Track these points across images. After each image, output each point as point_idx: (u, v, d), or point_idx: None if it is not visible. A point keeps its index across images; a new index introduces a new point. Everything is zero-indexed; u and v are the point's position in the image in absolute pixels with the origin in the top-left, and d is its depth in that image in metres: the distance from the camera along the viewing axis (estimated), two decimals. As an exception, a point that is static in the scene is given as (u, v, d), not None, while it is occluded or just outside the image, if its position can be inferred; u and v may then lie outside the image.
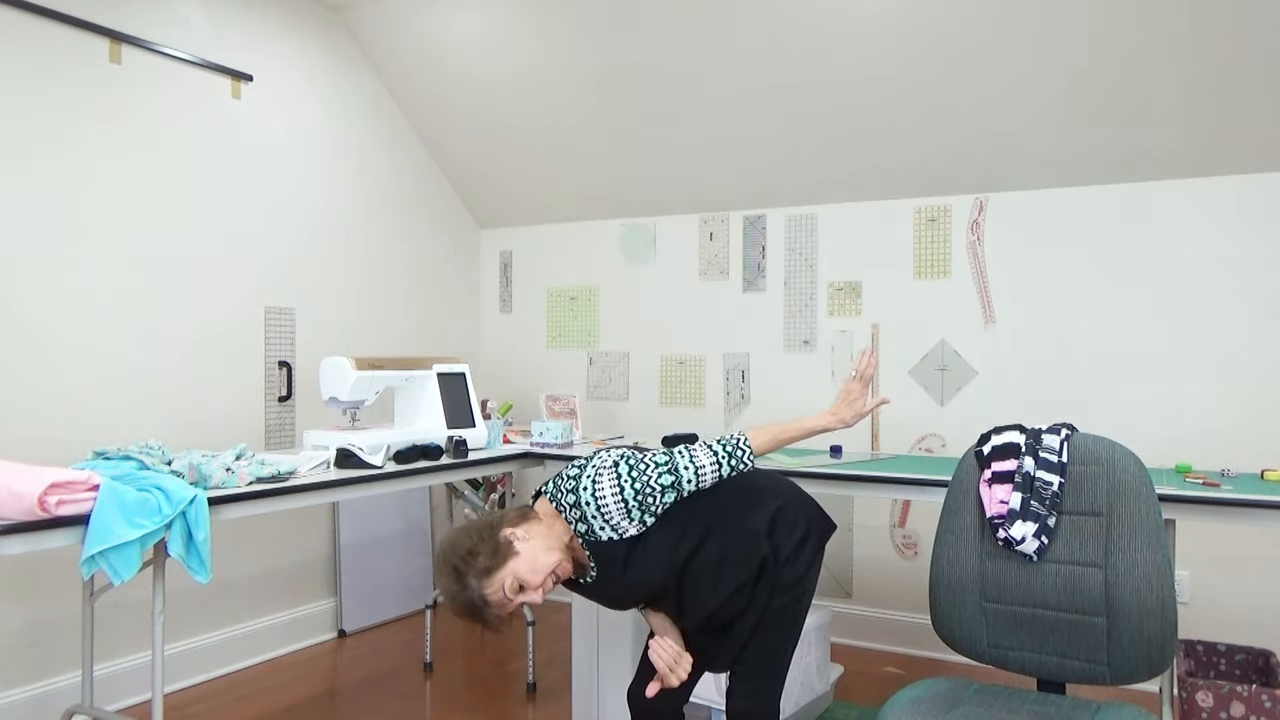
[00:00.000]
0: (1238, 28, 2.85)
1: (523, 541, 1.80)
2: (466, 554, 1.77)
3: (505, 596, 1.76)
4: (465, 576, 1.76)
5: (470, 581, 1.76)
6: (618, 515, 1.82)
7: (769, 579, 1.96)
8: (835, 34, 3.30)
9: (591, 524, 1.83)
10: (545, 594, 1.80)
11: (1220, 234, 3.26)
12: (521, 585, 1.77)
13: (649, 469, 1.86)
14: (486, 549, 1.77)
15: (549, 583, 1.80)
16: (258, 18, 3.60)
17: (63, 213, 2.97)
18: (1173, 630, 1.74)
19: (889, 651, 3.74)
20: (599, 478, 1.84)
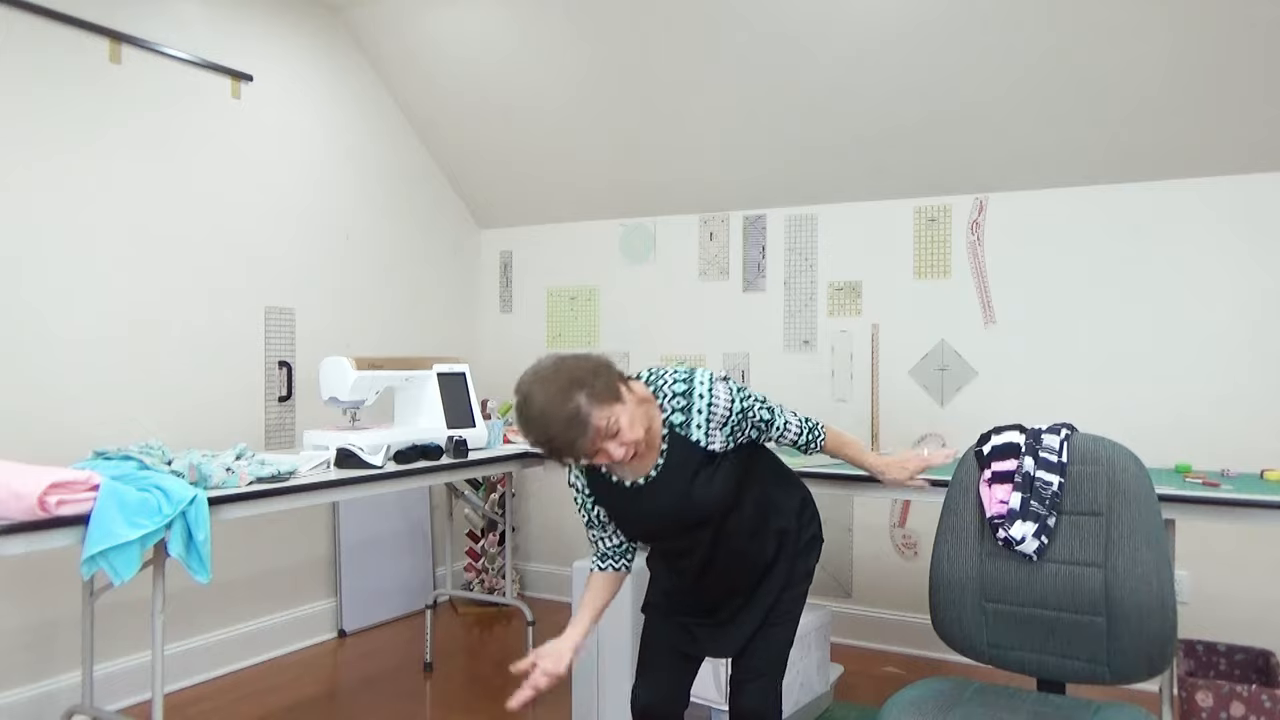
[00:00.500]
0: (1239, 27, 2.85)
1: (629, 396, 1.76)
2: (590, 373, 1.70)
3: (605, 430, 1.68)
4: (578, 393, 1.66)
5: (581, 399, 1.66)
6: (718, 421, 1.83)
7: (788, 556, 2.01)
8: (836, 34, 3.29)
9: (691, 418, 1.82)
10: (624, 458, 1.74)
11: (1220, 234, 3.26)
12: (617, 432, 1.70)
13: (755, 399, 1.92)
14: (606, 380, 1.71)
15: (632, 448, 1.74)
16: (258, 18, 3.60)
17: (62, 213, 2.97)
18: (1173, 630, 1.74)
19: (889, 651, 3.74)
20: (715, 383, 1.84)
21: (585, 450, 1.70)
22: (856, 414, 3.84)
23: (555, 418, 1.66)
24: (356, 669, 3.53)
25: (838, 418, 3.87)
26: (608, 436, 1.71)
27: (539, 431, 1.70)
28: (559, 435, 1.68)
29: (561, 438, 1.68)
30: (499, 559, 4.34)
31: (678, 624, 2.04)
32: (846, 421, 3.85)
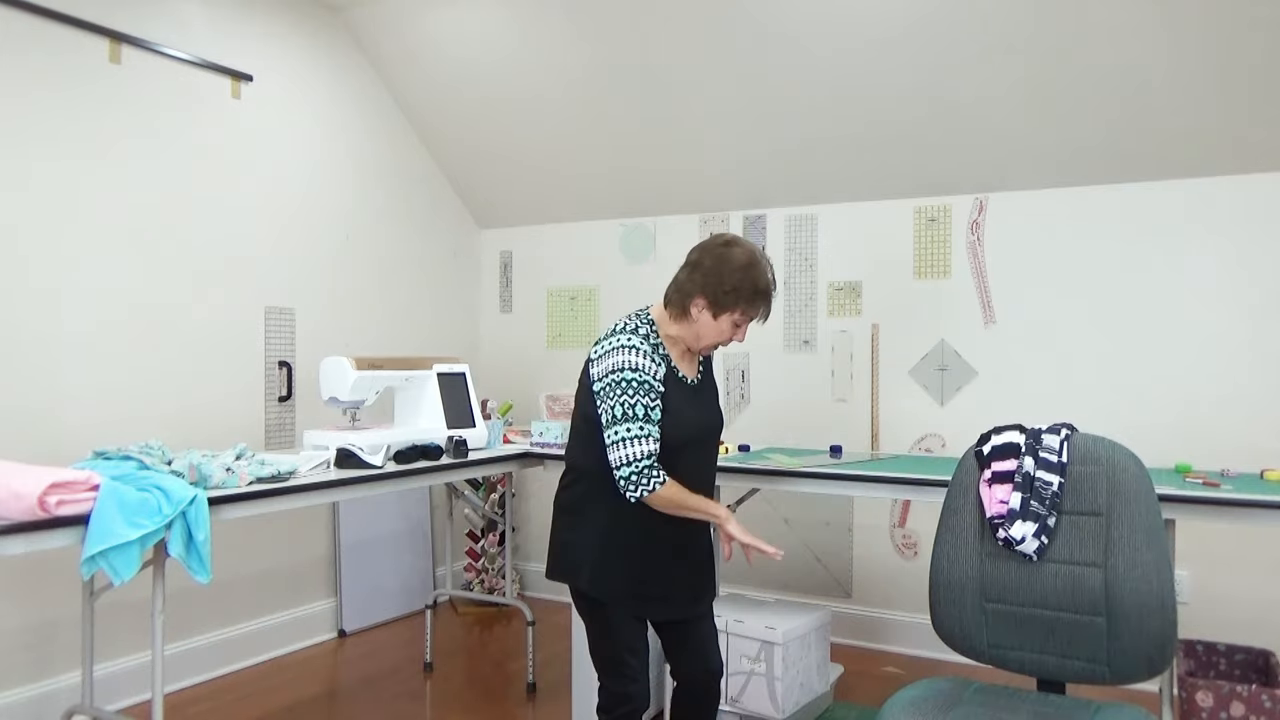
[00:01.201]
0: (1239, 27, 2.85)
1: None
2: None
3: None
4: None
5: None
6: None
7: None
8: (836, 34, 3.29)
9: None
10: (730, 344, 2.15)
11: (1220, 234, 3.26)
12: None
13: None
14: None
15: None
16: (258, 18, 3.60)
17: (62, 212, 2.97)
18: (1173, 630, 1.74)
19: (889, 651, 3.74)
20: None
21: (763, 314, 2.11)
22: (856, 414, 3.85)
23: (769, 270, 2.13)
24: (356, 669, 3.53)
25: (838, 418, 3.87)
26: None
27: (772, 274, 2.13)
28: (773, 280, 2.12)
29: (773, 285, 2.12)
30: (499, 559, 4.34)
31: (653, 600, 2.08)
32: (847, 421, 3.86)
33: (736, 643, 2.82)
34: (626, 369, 1.98)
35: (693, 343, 2.10)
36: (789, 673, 2.77)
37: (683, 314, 2.09)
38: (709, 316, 2.06)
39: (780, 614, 2.91)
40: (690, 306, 2.08)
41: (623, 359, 1.99)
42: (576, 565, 2.07)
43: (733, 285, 2.03)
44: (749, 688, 2.79)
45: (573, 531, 2.09)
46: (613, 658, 2.05)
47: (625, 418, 1.95)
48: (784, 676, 2.74)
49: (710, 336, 2.08)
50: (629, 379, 1.97)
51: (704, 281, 2.06)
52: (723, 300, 2.04)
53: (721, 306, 2.05)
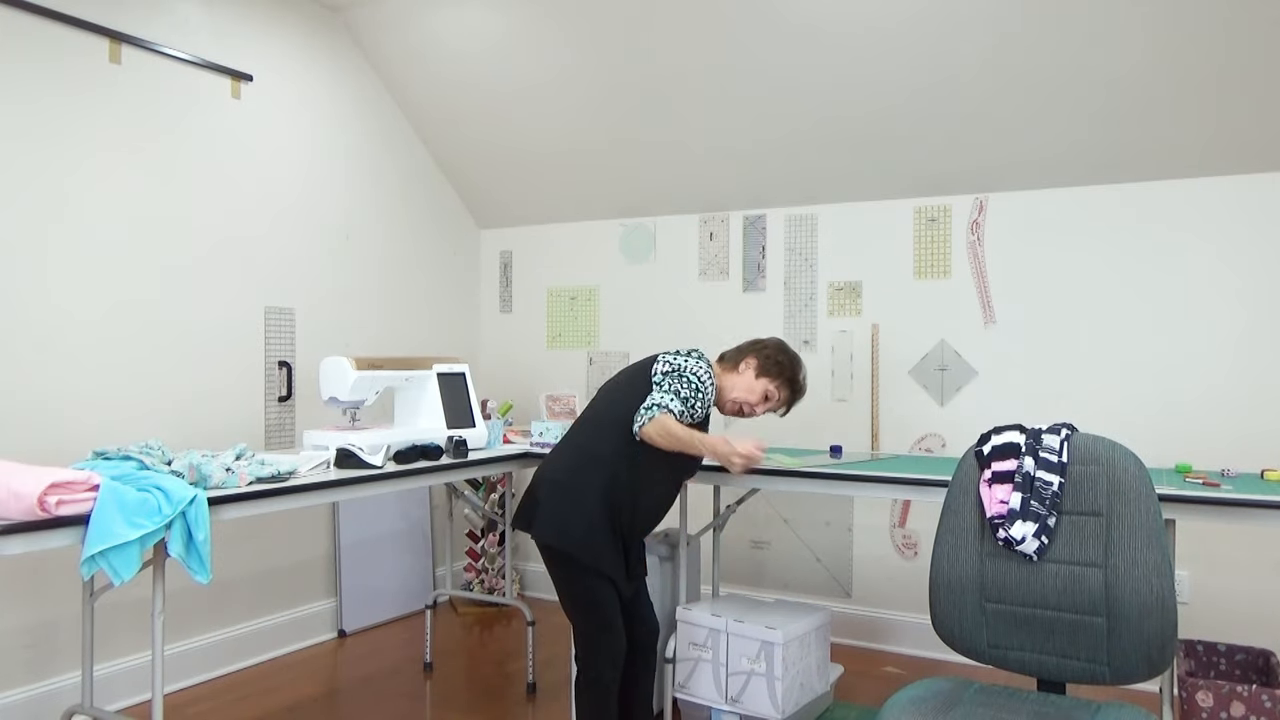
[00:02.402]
0: (1239, 28, 2.85)
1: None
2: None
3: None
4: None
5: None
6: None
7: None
8: (836, 33, 3.30)
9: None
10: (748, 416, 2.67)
11: (1220, 234, 3.26)
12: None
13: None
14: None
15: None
16: (258, 18, 3.60)
17: (62, 212, 2.97)
18: (1173, 630, 1.74)
19: (889, 651, 3.74)
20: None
21: (785, 406, 2.65)
22: (856, 414, 3.85)
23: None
24: (356, 669, 3.53)
25: (838, 418, 3.87)
26: (768, 411, 2.65)
27: (804, 376, 2.65)
28: (805, 386, 2.67)
29: (804, 389, 2.67)
30: (499, 559, 4.34)
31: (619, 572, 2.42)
32: (847, 421, 3.86)
33: (736, 643, 2.82)
34: (699, 373, 2.43)
35: (725, 388, 2.56)
36: (789, 673, 2.77)
37: (733, 368, 2.59)
38: (752, 375, 2.56)
39: (780, 614, 2.91)
40: (742, 363, 2.58)
41: (699, 371, 2.44)
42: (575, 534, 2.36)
43: (781, 363, 2.57)
44: (749, 688, 2.79)
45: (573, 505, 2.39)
46: (604, 616, 2.38)
47: (676, 395, 2.38)
48: (784, 676, 2.74)
49: (741, 391, 2.55)
50: (698, 379, 2.42)
51: (762, 350, 2.59)
52: (769, 368, 2.56)
53: (766, 372, 2.56)
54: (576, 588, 2.40)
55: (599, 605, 2.39)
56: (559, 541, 2.37)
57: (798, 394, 2.62)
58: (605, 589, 2.39)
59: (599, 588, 2.38)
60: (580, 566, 2.37)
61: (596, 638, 2.39)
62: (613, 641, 2.39)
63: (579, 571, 2.38)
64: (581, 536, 2.35)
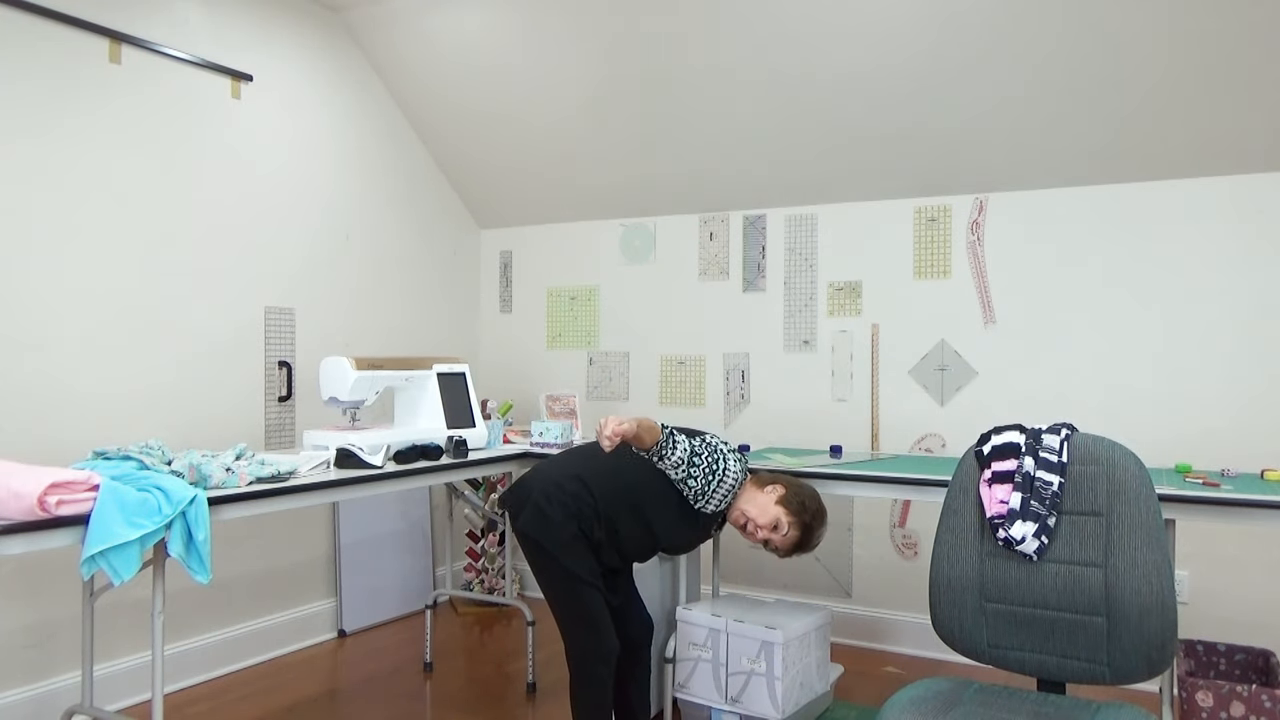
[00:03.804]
0: (1238, 28, 2.85)
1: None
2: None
3: (791, 551, 2.61)
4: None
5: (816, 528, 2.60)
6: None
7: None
8: (836, 34, 3.30)
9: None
10: (756, 539, 2.56)
11: (1220, 234, 3.26)
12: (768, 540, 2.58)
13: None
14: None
15: (758, 538, 2.56)
16: (258, 18, 3.60)
17: (62, 212, 2.97)
18: (1173, 630, 1.74)
19: (889, 651, 3.74)
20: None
21: (794, 545, 2.56)
22: (856, 414, 3.85)
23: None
24: (356, 669, 3.53)
25: (838, 418, 3.87)
26: (770, 542, 2.56)
27: (820, 533, 2.60)
28: (817, 542, 2.62)
29: (814, 543, 2.61)
30: (499, 559, 4.34)
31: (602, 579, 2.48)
32: (847, 421, 3.86)
33: (736, 643, 2.82)
34: (723, 460, 2.50)
35: (740, 502, 2.54)
36: (789, 673, 2.77)
37: (759, 484, 2.57)
38: (773, 500, 2.53)
39: (780, 614, 2.91)
40: (770, 485, 2.57)
41: (729, 460, 2.52)
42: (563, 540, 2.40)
43: (805, 505, 2.54)
44: (749, 688, 2.79)
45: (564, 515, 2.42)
46: (591, 612, 2.40)
47: (689, 450, 2.45)
48: (784, 676, 2.74)
49: (754, 507, 2.52)
50: (716, 462, 2.49)
51: (794, 485, 2.58)
52: (792, 503, 2.53)
53: (787, 504, 2.53)
54: (559, 586, 2.42)
55: (585, 605, 2.40)
56: (540, 535, 2.41)
57: (806, 543, 2.56)
58: (589, 590, 2.41)
59: (583, 590, 2.40)
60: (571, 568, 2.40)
61: (585, 638, 2.40)
62: (601, 640, 2.40)
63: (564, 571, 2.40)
64: (566, 543, 2.39)
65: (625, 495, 2.46)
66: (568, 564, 2.39)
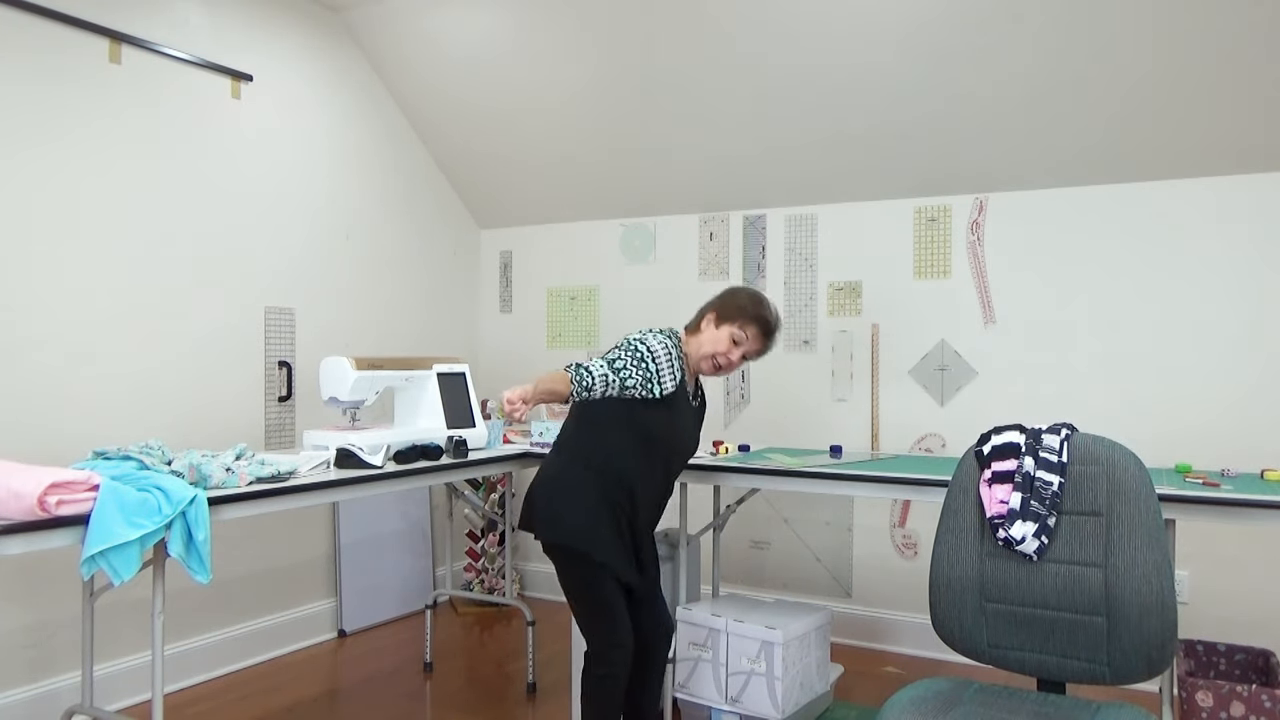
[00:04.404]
0: (1238, 28, 2.85)
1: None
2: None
3: (759, 353, 2.58)
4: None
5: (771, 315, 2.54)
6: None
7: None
8: (836, 34, 3.30)
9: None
10: (728, 371, 2.53)
11: (1220, 234, 3.26)
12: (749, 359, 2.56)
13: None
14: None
15: (734, 366, 2.53)
16: (258, 18, 3.60)
17: (62, 213, 2.97)
18: (1173, 630, 1.74)
19: (889, 651, 3.74)
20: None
21: (755, 342, 2.50)
22: (856, 414, 3.85)
23: (778, 317, 2.57)
24: (356, 669, 3.53)
25: (838, 418, 3.87)
26: (744, 355, 2.53)
27: (773, 310, 2.54)
28: (777, 325, 2.55)
29: (774, 332, 2.54)
30: (499, 559, 4.34)
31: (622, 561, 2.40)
32: (847, 421, 3.86)
33: (736, 643, 2.82)
34: (644, 344, 2.37)
35: (694, 353, 2.49)
36: (789, 673, 2.77)
37: (697, 329, 2.52)
38: (714, 327, 2.48)
39: (780, 614, 2.91)
40: (703, 320, 2.51)
41: (646, 338, 2.39)
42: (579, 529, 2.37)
43: (739, 305, 2.49)
44: (749, 688, 2.79)
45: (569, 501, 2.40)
46: (601, 608, 2.37)
47: (605, 361, 2.33)
48: (784, 676, 2.74)
49: (709, 346, 2.46)
50: (638, 350, 2.35)
51: (719, 301, 2.53)
52: (729, 314, 2.47)
53: (727, 319, 2.47)
54: (577, 582, 2.40)
55: (601, 600, 2.37)
56: (555, 535, 2.39)
57: (768, 329, 2.50)
58: (606, 583, 2.37)
59: (600, 582, 2.37)
60: (579, 559, 2.37)
61: (601, 633, 2.37)
62: (617, 637, 2.36)
63: (578, 564, 2.38)
64: (576, 526, 2.37)
65: (603, 437, 2.40)
66: (583, 549, 2.35)
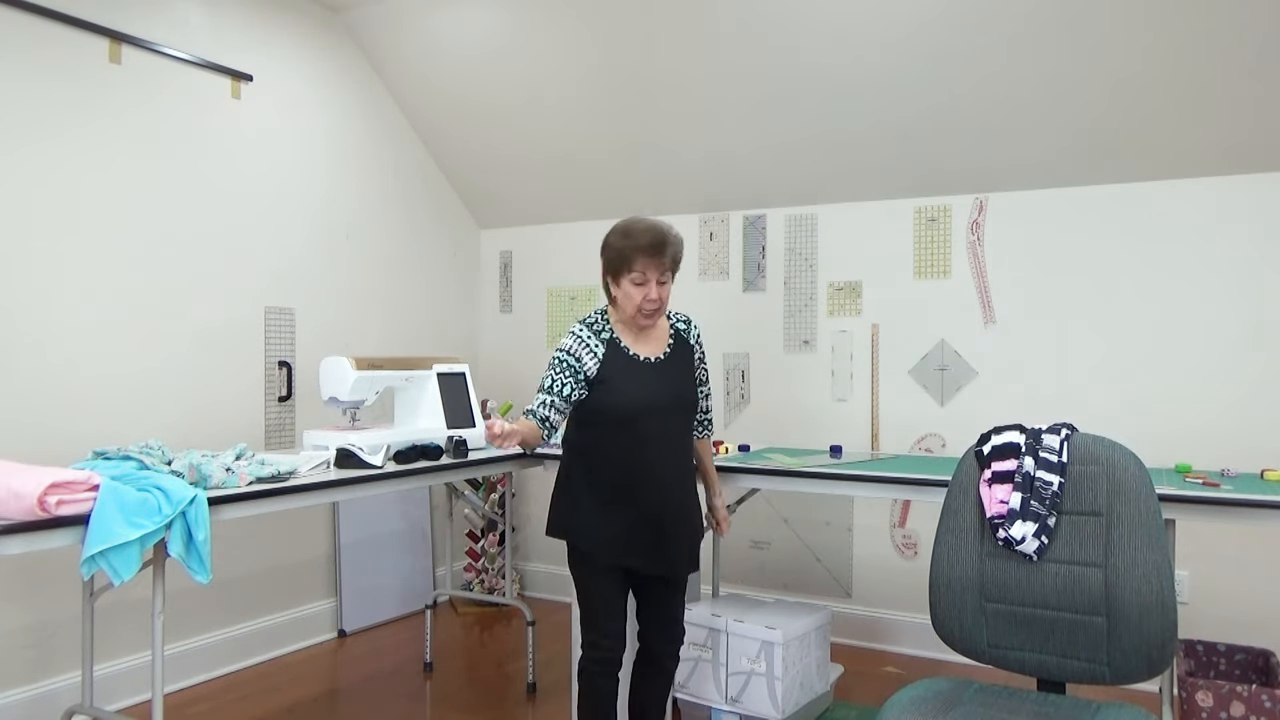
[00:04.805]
0: (1238, 28, 2.85)
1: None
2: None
3: (664, 268, 2.29)
4: (673, 233, 2.33)
5: (678, 237, 2.34)
6: (699, 341, 2.52)
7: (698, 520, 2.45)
8: (836, 34, 3.29)
9: (690, 330, 2.51)
10: (655, 305, 2.30)
11: (1220, 234, 3.26)
12: (665, 282, 2.31)
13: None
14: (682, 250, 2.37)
15: (658, 303, 2.30)
16: (258, 18, 3.60)
17: (63, 213, 2.97)
18: (1173, 630, 1.74)
19: (889, 651, 3.74)
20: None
21: (651, 268, 2.25)
22: (856, 414, 3.85)
23: (654, 225, 2.29)
24: (356, 669, 3.53)
25: (838, 418, 3.87)
26: (660, 280, 2.29)
27: (636, 226, 2.29)
28: (654, 234, 2.26)
29: (652, 238, 2.25)
30: (499, 559, 4.34)
31: (622, 554, 2.31)
32: (847, 421, 3.86)
33: (736, 643, 2.82)
34: (557, 350, 2.33)
35: (627, 317, 2.35)
36: (789, 673, 2.77)
37: (612, 299, 2.38)
38: (616, 286, 2.32)
39: (780, 614, 2.92)
40: (610, 289, 2.36)
41: (560, 342, 2.35)
42: (564, 521, 2.38)
43: (615, 251, 2.30)
44: (749, 688, 2.79)
45: (561, 494, 2.42)
46: (588, 604, 2.34)
47: (540, 388, 2.30)
48: (784, 676, 2.74)
49: (629, 305, 2.30)
50: (556, 357, 2.32)
51: (602, 261, 2.35)
52: (613, 266, 2.31)
53: (614, 271, 2.32)
54: (574, 576, 2.39)
55: (587, 593, 2.36)
56: (550, 527, 2.41)
57: (654, 244, 2.25)
58: (594, 576, 2.33)
59: (586, 575, 2.35)
60: (570, 549, 2.36)
61: (585, 626, 2.36)
62: (595, 635, 2.33)
63: (570, 554, 2.38)
64: (562, 515, 2.38)
65: (583, 428, 2.36)
66: (570, 538, 2.35)
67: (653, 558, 2.33)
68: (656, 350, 2.39)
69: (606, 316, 2.40)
